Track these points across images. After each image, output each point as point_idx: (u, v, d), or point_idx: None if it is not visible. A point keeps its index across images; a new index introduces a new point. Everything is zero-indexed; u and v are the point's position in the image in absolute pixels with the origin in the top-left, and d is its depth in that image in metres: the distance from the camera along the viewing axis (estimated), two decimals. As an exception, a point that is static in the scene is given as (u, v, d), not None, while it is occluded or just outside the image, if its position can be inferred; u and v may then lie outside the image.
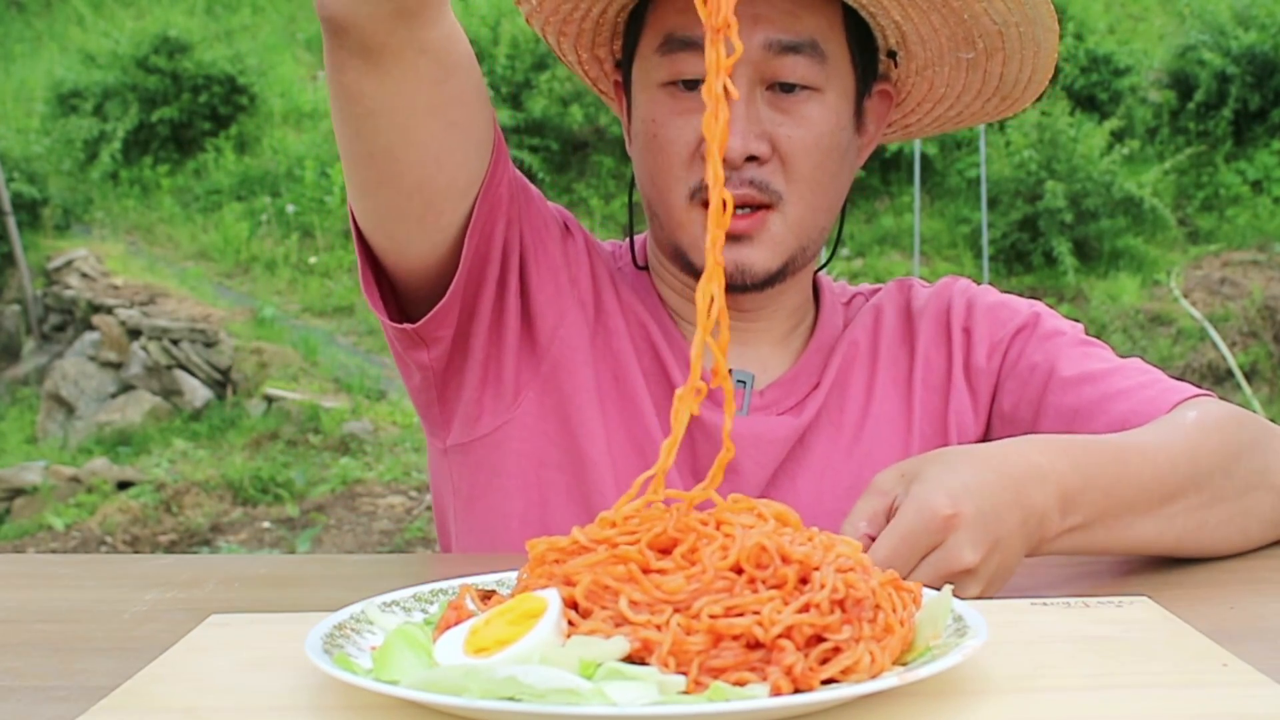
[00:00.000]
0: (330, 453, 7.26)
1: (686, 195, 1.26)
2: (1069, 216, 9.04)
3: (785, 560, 0.73)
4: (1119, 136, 9.79)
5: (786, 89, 1.24)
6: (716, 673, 0.68)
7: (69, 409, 8.17)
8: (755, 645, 0.69)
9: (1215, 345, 8.00)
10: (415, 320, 1.28)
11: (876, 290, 1.46)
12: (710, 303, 0.74)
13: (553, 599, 0.73)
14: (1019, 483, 0.99)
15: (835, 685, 0.69)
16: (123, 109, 10.77)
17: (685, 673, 0.68)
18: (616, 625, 0.71)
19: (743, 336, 1.35)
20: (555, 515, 1.30)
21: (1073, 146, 9.25)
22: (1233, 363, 7.52)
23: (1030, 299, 1.43)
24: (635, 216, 1.40)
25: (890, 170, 10.19)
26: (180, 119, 10.78)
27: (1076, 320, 1.41)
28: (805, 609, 0.70)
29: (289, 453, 7.28)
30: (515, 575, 0.83)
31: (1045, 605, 0.90)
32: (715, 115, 0.75)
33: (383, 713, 0.70)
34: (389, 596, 0.85)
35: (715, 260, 0.75)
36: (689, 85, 1.24)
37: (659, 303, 1.37)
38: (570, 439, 1.31)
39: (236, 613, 0.94)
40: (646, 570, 0.73)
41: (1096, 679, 0.75)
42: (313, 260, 9.88)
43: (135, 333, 8.35)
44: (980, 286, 1.43)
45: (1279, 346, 8.53)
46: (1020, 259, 9.32)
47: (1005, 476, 0.99)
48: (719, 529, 0.76)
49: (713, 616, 0.70)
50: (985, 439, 1.37)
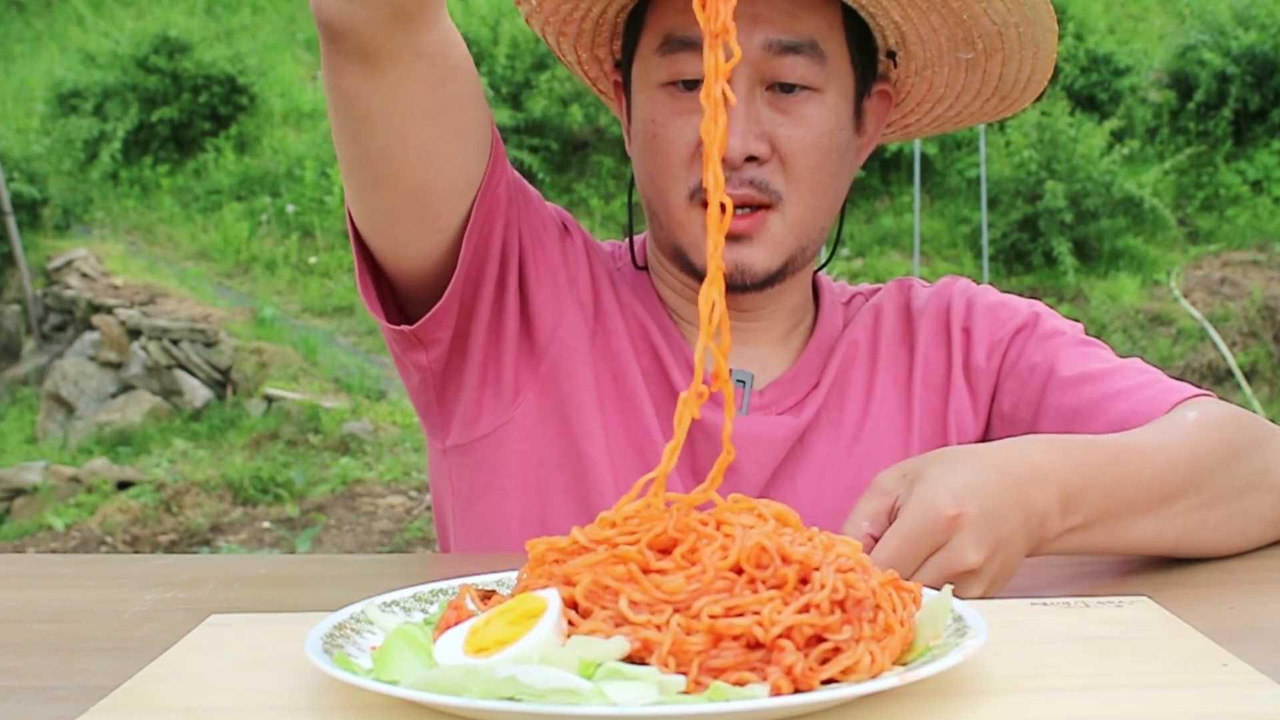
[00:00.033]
0: (330, 453, 7.26)
1: (686, 195, 1.26)
2: (1069, 216, 9.04)
3: (785, 560, 0.73)
4: (1119, 136, 9.79)
5: (786, 89, 1.24)
6: (716, 673, 0.68)
7: (69, 409, 8.17)
8: (755, 645, 0.69)
9: (1215, 345, 8.00)
10: (413, 322, 1.28)
11: (876, 290, 1.46)
12: (711, 308, 0.74)
13: (553, 599, 0.73)
14: (1021, 483, 0.99)
15: (835, 685, 0.69)
16: (123, 109, 10.77)
17: (685, 673, 0.68)
18: (616, 625, 0.71)
19: (742, 336, 1.35)
20: (555, 515, 1.30)
21: (1073, 146, 9.25)
22: (1233, 363, 7.52)
23: (1030, 299, 1.43)
24: (635, 216, 1.40)
25: (890, 170, 10.19)
26: (180, 119, 10.79)
27: (1076, 320, 1.41)
28: (805, 609, 0.70)
29: (289, 453, 7.28)
30: (515, 575, 0.83)
31: (1045, 605, 0.90)
32: (714, 120, 0.75)
33: (383, 713, 0.70)
34: (389, 596, 0.85)
35: (717, 265, 0.75)
36: (689, 85, 1.24)
37: (658, 302, 1.37)
38: (569, 439, 1.31)
39: (236, 613, 0.94)
40: (646, 570, 0.73)
41: (1096, 679, 0.75)
42: (313, 260, 9.89)
43: (135, 333, 8.35)
44: (980, 286, 1.43)
45: (1279, 346, 8.53)
46: (1020, 259, 9.32)
47: (1007, 477, 0.99)
48: (719, 529, 0.76)
49: (713, 616, 0.70)
50: (985, 439, 1.37)
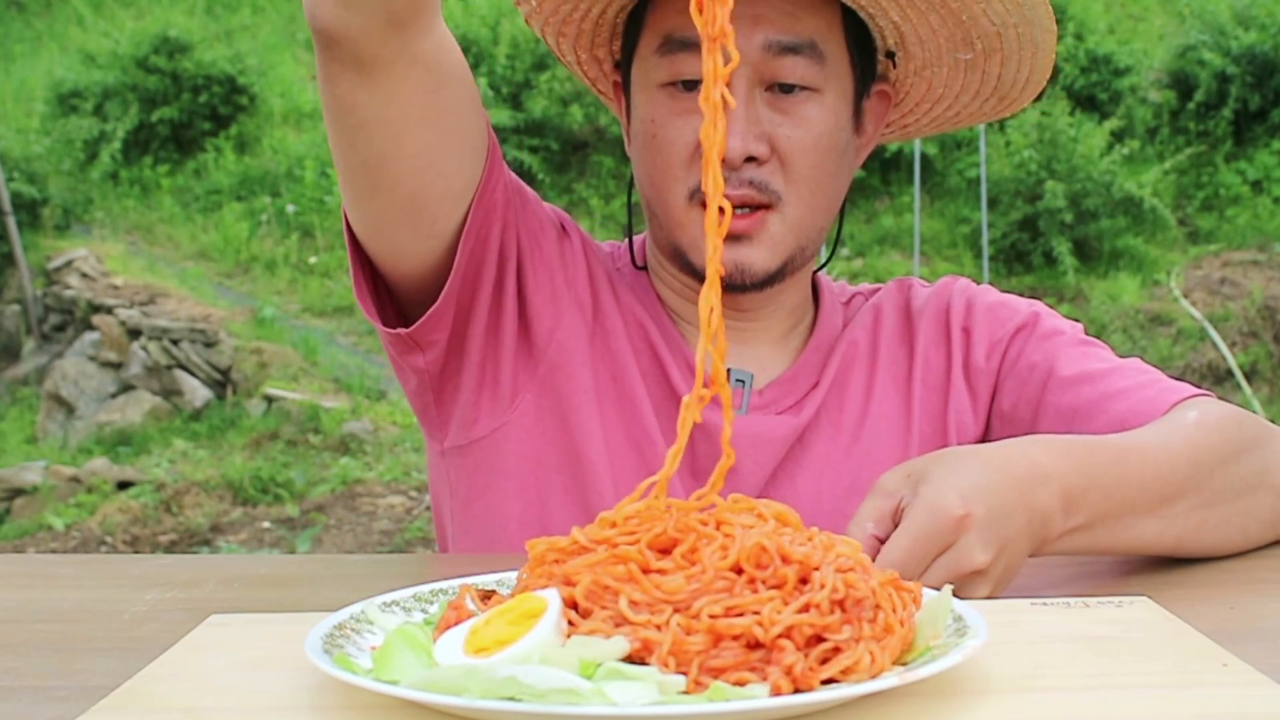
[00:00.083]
0: (330, 453, 7.26)
1: (686, 195, 1.26)
2: (1069, 216, 9.04)
3: (785, 560, 0.73)
4: (1119, 136, 9.79)
5: (785, 90, 1.24)
6: (716, 673, 0.68)
7: (69, 409, 8.17)
8: (755, 645, 0.69)
9: (1215, 345, 7.99)
10: (410, 324, 1.28)
11: (876, 290, 1.46)
12: (710, 312, 0.74)
13: (553, 599, 0.73)
14: (1024, 483, 0.99)
15: (835, 685, 0.68)
16: (123, 109, 10.77)
17: (685, 673, 0.68)
18: (616, 625, 0.71)
19: (742, 336, 1.35)
20: (553, 516, 1.30)
21: (1073, 146, 9.25)
22: (1233, 363, 7.52)
23: (1030, 299, 1.43)
24: (635, 217, 1.40)
25: (890, 170, 10.19)
26: (180, 119, 10.79)
27: (1076, 320, 1.41)
28: (805, 609, 0.70)
29: (289, 453, 7.28)
30: (515, 575, 0.83)
31: (1045, 605, 0.90)
32: (713, 124, 0.75)
33: (383, 713, 0.70)
34: (389, 596, 0.85)
35: (715, 269, 0.75)
36: (688, 86, 1.24)
37: (657, 302, 1.37)
38: (568, 440, 1.31)
39: (236, 613, 0.94)
40: (646, 570, 0.73)
41: (1096, 679, 0.75)
42: (313, 260, 9.89)
43: (135, 333, 8.35)
44: (980, 286, 1.44)
45: (1279, 346, 8.53)
46: (1020, 259, 9.32)
47: (1011, 477, 0.99)
48: (719, 529, 0.76)
49: (713, 616, 0.70)
50: (984, 439, 1.37)
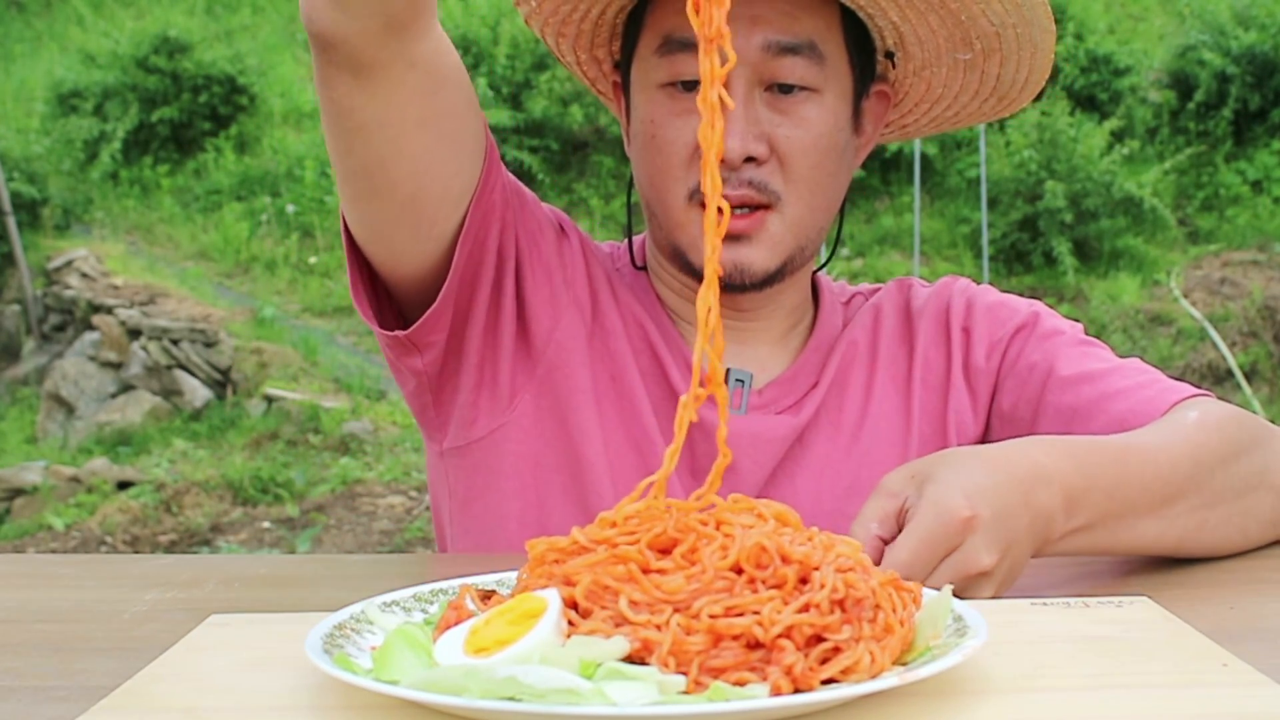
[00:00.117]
0: (330, 453, 7.26)
1: (685, 196, 1.26)
2: (1069, 216, 9.04)
3: (785, 560, 0.73)
4: (1119, 136, 9.79)
5: (785, 90, 1.24)
6: (716, 673, 0.68)
7: (69, 409, 8.17)
8: (755, 645, 0.69)
9: (1215, 345, 7.99)
10: (408, 326, 1.28)
11: (876, 290, 1.46)
12: (708, 312, 0.75)
13: (553, 599, 0.73)
14: (1026, 484, 0.99)
15: (835, 685, 0.68)
16: (123, 109, 10.77)
17: (685, 673, 0.68)
18: (616, 625, 0.71)
19: (741, 335, 1.35)
20: (553, 516, 1.30)
21: (1073, 146, 9.24)
22: (1233, 363, 7.51)
23: (1030, 299, 1.43)
24: (634, 217, 1.40)
25: (890, 170, 10.19)
26: (180, 119, 10.79)
27: (1076, 320, 1.41)
28: (805, 609, 0.70)
29: (289, 453, 7.28)
30: (515, 575, 0.83)
31: (1045, 605, 0.90)
32: (711, 125, 0.75)
33: (383, 713, 0.70)
34: (389, 596, 0.85)
35: (713, 270, 0.75)
36: (687, 86, 1.24)
37: (657, 302, 1.37)
38: (567, 440, 1.31)
39: (236, 613, 0.94)
40: (646, 570, 0.73)
41: (1096, 679, 0.75)
42: (313, 260, 9.89)
43: (135, 333, 8.35)
44: (980, 286, 1.44)
45: (1279, 346, 8.53)
46: (1020, 259, 9.32)
47: (1013, 478, 0.99)
48: (719, 529, 0.76)
49: (713, 616, 0.70)
50: (984, 439, 1.37)
